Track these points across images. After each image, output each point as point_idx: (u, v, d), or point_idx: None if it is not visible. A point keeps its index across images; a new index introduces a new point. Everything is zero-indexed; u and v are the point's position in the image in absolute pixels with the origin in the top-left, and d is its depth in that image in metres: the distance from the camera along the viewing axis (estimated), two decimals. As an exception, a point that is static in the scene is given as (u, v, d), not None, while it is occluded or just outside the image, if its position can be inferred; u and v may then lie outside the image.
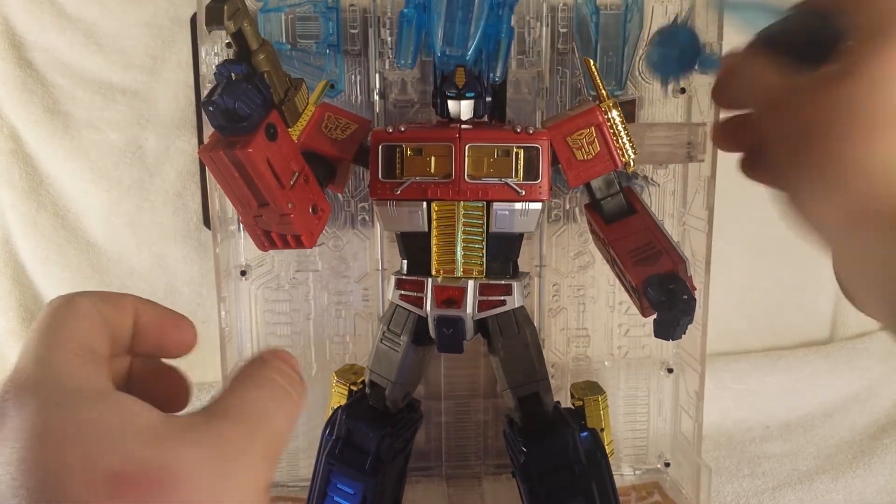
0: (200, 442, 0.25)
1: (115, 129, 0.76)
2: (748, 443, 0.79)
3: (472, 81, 0.48)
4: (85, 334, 0.27)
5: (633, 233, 0.49)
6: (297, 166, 0.45)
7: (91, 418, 0.24)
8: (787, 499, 0.68)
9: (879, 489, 0.70)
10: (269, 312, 0.66)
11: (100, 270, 0.79)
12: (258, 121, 0.41)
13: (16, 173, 0.76)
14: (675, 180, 0.65)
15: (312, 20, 0.58)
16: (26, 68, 0.74)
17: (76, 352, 0.26)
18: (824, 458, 0.75)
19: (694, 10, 0.60)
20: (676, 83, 0.62)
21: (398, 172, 0.48)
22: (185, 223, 0.79)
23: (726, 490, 0.70)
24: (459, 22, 0.48)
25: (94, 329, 0.28)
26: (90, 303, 0.28)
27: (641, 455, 0.71)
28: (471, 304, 0.49)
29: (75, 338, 0.27)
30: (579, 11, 0.59)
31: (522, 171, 0.48)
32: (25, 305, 0.80)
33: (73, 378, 0.25)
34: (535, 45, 0.60)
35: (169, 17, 0.74)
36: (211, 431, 0.25)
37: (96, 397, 0.25)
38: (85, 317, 0.28)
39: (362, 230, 0.65)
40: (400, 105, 0.62)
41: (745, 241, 0.83)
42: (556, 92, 0.62)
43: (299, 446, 0.67)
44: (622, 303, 0.67)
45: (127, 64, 0.75)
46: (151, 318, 0.32)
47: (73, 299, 0.28)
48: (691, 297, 0.46)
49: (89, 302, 0.28)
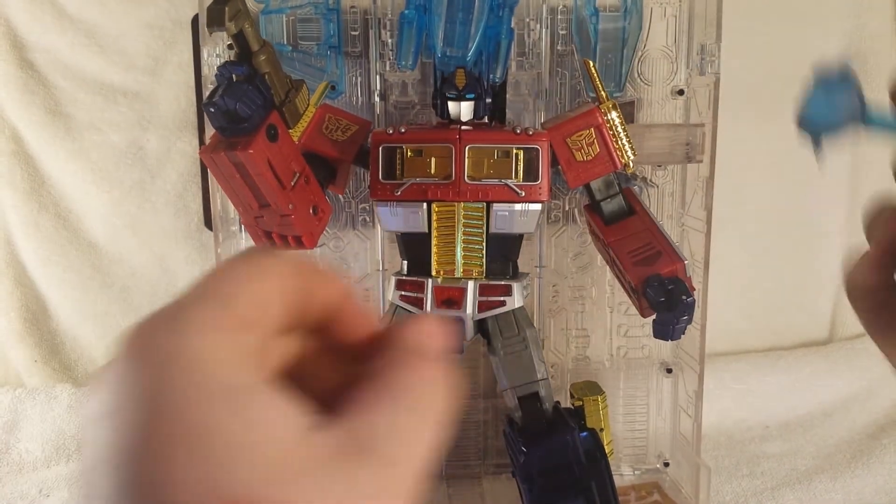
0: (335, 485, 0.20)
1: (117, 130, 0.76)
2: (747, 442, 0.79)
3: (472, 83, 0.48)
4: (255, 304, 0.22)
5: (633, 234, 0.49)
6: (298, 167, 0.45)
7: (217, 423, 0.19)
8: (787, 498, 0.69)
9: (878, 489, 0.70)
10: (269, 313, 0.66)
11: (101, 271, 0.80)
12: (259, 122, 0.42)
13: (17, 174, 0.77)
14: (673, 181, 0.66)
15: (313, 22, 0.58)
16: (28, 70, 0.75)
17: (232, 326, 0.21)
18: (823, 458, 0.75)
19: (693, 11, 0.61)
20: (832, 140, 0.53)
21: (398, 173, 0.48)
22: (186, 224, 0.79)
23: (725, 490, 0.70)
24: (460, 23, 0.48)
25: (269, 298, 0.22)
26: (281, 265, 0.23)
27: (641, 455, 0.71)
28: (471, 304, 0.49)
29: (240, 306, 0.22)
30: (578, 13, 0.59)
31: (522, 173, 0.48)
32: (27, 306, 0.80)
33: (214, 363, 0.20)
34: (534, 46, 0.60)
35: (170, 18, 0.74)
36: (351, 472, 0.20)
37: (232, 393, 0.20)
38: (265, 280, 0.22)
39: (363, 231, 0.65)
40: (400, 106, 0.62)
41: (745, 241, 0.83)
42: (555, 93, 0.62)
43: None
44: (622, 303, 0.67)
45: (128, 65, 0.75)
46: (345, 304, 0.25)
47: (260, 256, 0.23)
48: (690, 298, 0.46)
49: (280, 264, 0.23)
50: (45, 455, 0.76)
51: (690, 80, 0.62)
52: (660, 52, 0.62)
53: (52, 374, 0.81)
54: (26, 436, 0.77)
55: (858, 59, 0.82)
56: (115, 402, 0.20)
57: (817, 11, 0.81)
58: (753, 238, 0.83)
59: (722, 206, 0.61)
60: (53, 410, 0.77)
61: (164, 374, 0.20)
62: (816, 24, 0.81)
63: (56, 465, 0.75)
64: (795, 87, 0.36)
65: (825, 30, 0.82)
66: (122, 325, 0.87)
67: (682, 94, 0.63)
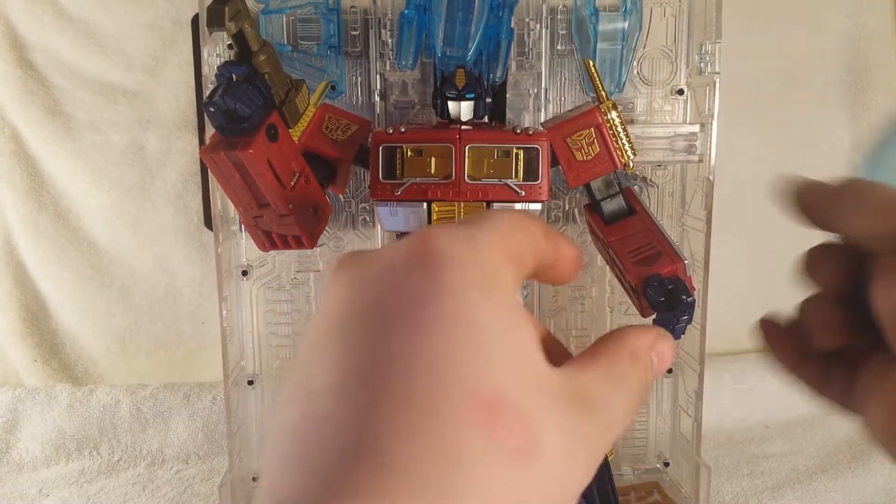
0: (566, 423, 0.21)
1: (117, 129, 0.76)
2: (747, 442, 0.79)
3: (472, 82, 0.48)
4: (518, 245, 0.24)
5: (633, 233, 0.49)
6: (298, 167, 0.45)
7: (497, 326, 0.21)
8: (787, 498, 0.69)
9: (878, 489, 0.70)
10: (270, 312, 0.66)
11: (101, 271, 0.80)
12: (259, 122, 0.42)
13: (17, 174, 0.77)
14: (673, 181, 0.66)
15: (313, 22, 0.58)
16: (27, 69, 0.75)
17: (511, 257, 0.23)
18: (823, 458, 0.76)
19: (693, 11, 0.61)
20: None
21: (398, 173, 0.48)
22: (186, 224, 0.79)
23: (725, 489, 0.70)
24: (460, 23, 0.48)
25: (527, 250, 0.25)
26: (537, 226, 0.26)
27: (641, 455, 0.71)
28: (471, 304, 0.49)
29: (508, 242, 0.24)
30: (578, 13, 0.59)
31: (522, 172, 0.48)
32: (27, 305, 0.80)
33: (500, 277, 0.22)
34: (534, 46, 0.60)
35: (170, 18, 0.74)
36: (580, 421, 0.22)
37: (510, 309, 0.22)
38: (527, 234, 0.25)
39: (363, 231, 0.65)
40: (400, 106, 0.62)
41: (745, 241, 0.83)
42: (555, 93, 0.62)
43: (300, 446, 0.67)
44: (621, 303, 0.68)
45: (128, 65, 0.75)
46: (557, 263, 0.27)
47: (521, 214, 0.26)
48: (690, 297, 0.46)
49: (537, 225, 0.26)
50: (45, 455, 0.76)
51: (690, 80, 0.62)
52: (660, 52, 0.62)
53: (51, 373, 0.81)
54: (26, 435, 0.77)
55: (858, 59, 0.83)
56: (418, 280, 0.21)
57: (817, 11, 0.81)
58: (753, 238, 0.83)
59: (722, 206, 0.61)
60: (53, 410, 0.77)
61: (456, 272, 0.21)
62: (816, 24, 0.81)
63: (56, 464, 0.75)
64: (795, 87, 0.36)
65: (825, 30, 0.82)
66: (121, 325, 0.88)
67: (682, 94, 0.63)
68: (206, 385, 0.80)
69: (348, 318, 0.22)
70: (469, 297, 0.21)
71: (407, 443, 0.18)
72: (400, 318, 0.21)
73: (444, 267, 0.21)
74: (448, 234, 0.22)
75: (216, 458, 0.76)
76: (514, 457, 0.19)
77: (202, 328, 0.82)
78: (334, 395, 0.20)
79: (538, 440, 0.20)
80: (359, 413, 0.19)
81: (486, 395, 0.20)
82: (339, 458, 0.19)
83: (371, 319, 0.21)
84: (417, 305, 0.21)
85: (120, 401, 0.78)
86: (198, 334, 0.82)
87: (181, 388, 0.80)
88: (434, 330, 0.20)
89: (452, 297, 0.21)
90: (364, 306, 0.22)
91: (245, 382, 0.66)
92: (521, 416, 0.20)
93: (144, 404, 0.78)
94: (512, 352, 0.21)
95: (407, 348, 0.20)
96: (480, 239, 0.23)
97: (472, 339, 0.20)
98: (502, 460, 0.19)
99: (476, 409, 0.19)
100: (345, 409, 0.19)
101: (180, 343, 0.83)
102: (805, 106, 0.82)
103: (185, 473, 0.74)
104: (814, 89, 0.82)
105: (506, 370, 0.20)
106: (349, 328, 0.21)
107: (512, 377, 0.20)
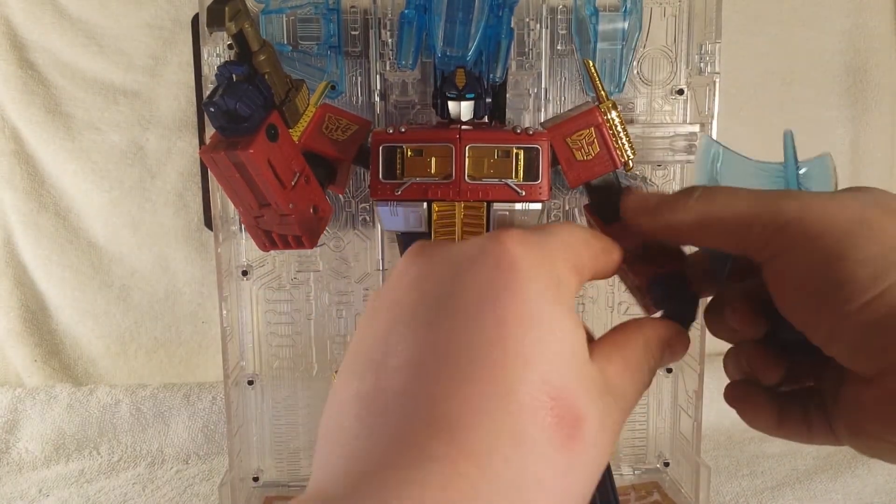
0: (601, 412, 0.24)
1: (117, 129, 0.76)
2: (747, 442, 0.79)
3: (472, 82, 0.48)
4: (581, 258, 0.27)
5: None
6: (298, 167, 0.45)
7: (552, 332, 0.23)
8: (786, 498, 0.69)
9: (878, 489, 0.70)
10: (270, 312, 0.66)
11: (101, 271, 0.80)
12: (259, 121, 0.42)
13: (17, 174, 0.77)
14: (673, 181, 0.66)
15: (313, 22, 0.58)
16: (28, 69, 0.75)
17: (574, 267, 0.27)
18: (823, 458, 0.76)
19: (693, 11, 0.61)
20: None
21: (399, 173, 0.48)
22: (186, 224, 0.79)
23: (725, 489, 0.70)
24: (460, 23, 0.48)
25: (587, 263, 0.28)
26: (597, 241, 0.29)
27: (641, 455, 0.71)
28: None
29: (573, 254, 0.27)
30: (578, 13, 0.59)
31: (522, 172, 0.48)
32: (27, 305, 0.80)
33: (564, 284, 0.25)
34: (534, 46, 0.60)
35: (170, 18, 0.74)
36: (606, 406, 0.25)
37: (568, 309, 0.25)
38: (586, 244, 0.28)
39: (363, 231, 0.65)
40: (400, 106, 0.62)
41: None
42: (555, 93, 0.62)
43: (299, 446, 0.67)
44: (622, 303, 0.68)
45: (128, 65, 0.75)
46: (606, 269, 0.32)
47: (584, 230, 0.29)
48: (695, 296, 0.46)
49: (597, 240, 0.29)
50: (45, 455, 0.76)
51: (690, 80, 0.62)
52: (660, 52, 0.62)
53: (51, 373, 0.81)
54: (26, 435, 0.77)
55: (858, 59, 0.83)
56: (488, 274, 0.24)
57: (816, 11, 0.81)
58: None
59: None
60: (53, 410, 0.77)
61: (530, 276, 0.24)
62: (815, 24, 0.81)
63: (56, 464, 0.75)
64: (795, 87, 0.36)
65: (824, 30, 0.82)
66: (121, 325, 0.88)
67: (681, 94, 0.63)
68: (206, 385, 0.80)
69: (430, 303, 0.24)
70: (540, 299, 0.23)
71: (477, 425, 0.21)
72: (478, 310, 0.23)
73: (519, 269, 0.24)
74: (522, 240, 0.25)
75: (216, 458, 0.76)
76: (565, 445, 0.22)
77: (202, 328, 0.82)
78: (411, 372, 0.22)
79: (584, 430, 0.22)
80: (434, 392, 0.21)
81: (550, 390, 0.22)
82: (411, 429, 0.20)
83: (451, 309, 0.23)
84: (494, 301, 0.23)
85: (120, 401, 0.78)
86: (198, 334, 0.83)
87: (181, 388, 0.80)
88: (509, 325, 0.23)
89: (526, 298, 0.23)
90: (443, 295, 0.24)
91: (245, 382, 0.66)
92: (575, 410, 0.22)
93: (144, 404, 0.78)
94: (570, 351, 0.23)
95: (484, 339, 0.22)
96: (551, 249, 0.26)
97: (542, 339, 0.23)
98: (554, 449, 0.21)
99: (541, 402, 0.21)
100: (421, 385, 0.21)
101: (180, 343, 0.83)
102: (805, 106, 0.82)
103: (185, 473, 0.74)
104: (814, 89, 0.82)
105: (567, 368, 0.23)
106: (428, 313, 0.24)
107: (570, 375, 0.23)
